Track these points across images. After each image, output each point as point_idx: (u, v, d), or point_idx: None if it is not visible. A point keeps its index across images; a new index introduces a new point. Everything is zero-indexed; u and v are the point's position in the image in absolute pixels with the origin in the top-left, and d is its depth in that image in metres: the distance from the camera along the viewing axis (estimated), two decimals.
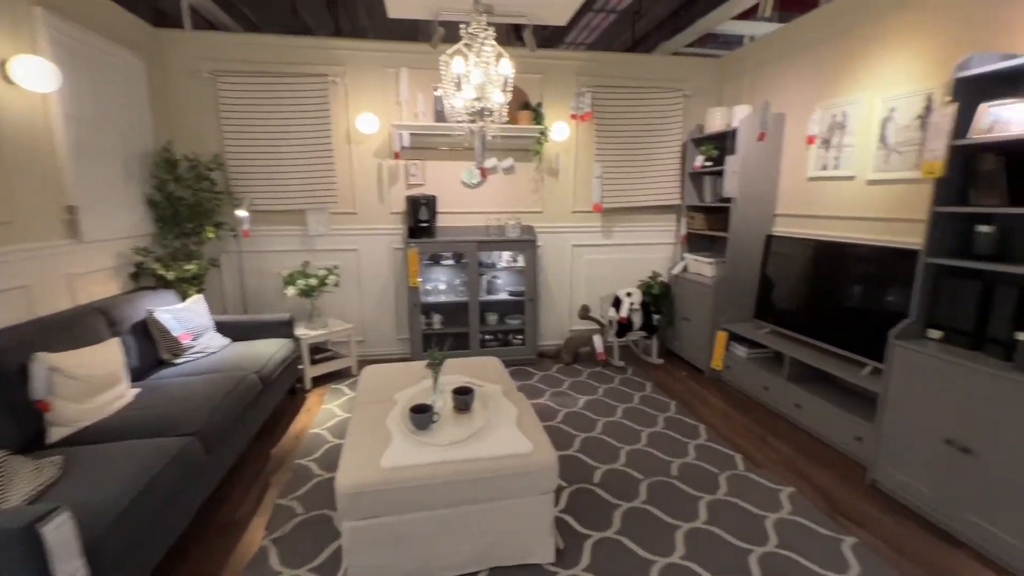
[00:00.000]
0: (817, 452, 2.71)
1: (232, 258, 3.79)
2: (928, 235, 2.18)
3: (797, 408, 2.98)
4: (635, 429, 2.95)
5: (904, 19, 2.66)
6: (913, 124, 2.61)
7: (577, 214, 4.28)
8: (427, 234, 3.81)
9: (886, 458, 2.31)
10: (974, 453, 1.93)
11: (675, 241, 4.48)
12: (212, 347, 2.96)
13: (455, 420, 2.03)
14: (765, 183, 3.59)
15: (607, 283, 4.44)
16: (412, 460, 1.75)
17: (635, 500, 2.26)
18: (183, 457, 1.89)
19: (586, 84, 4.04)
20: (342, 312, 4.05)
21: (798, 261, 3.18)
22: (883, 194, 2.81)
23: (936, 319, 2.22)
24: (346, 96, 3.77)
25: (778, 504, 2.23)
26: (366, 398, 2.33)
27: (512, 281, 4.24)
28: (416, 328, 3.82)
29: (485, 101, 2.05)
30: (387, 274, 4.08)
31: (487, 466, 1.76)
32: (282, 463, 2.59)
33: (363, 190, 3.92)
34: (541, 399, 3.39)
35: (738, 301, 3.68)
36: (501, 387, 2.38)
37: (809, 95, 3.32)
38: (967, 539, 1.98)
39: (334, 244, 3.95)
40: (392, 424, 2.00)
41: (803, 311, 3.13)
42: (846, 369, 2.72)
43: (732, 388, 3.61)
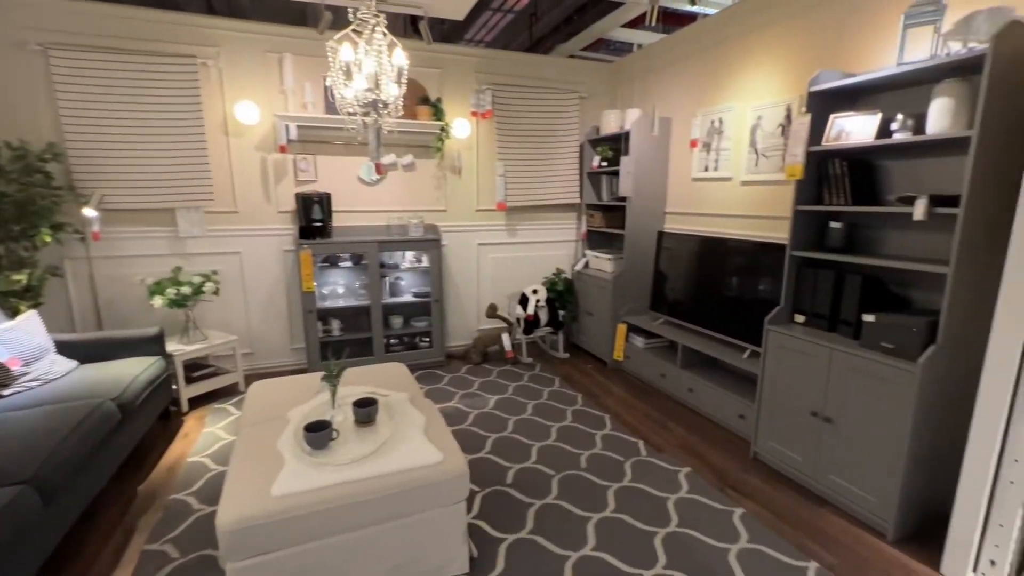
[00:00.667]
0: (709, 432, 2.94)
1: (79, 265, 3.22)
2: (791, 231, 2.45)
3: (690, 392, 3.21)
4: (545, 425, 2.99)
5: (767, 37, 2.96)
6: (776, 131, 2.92)
7: (481, 212, 4.25)
8: (321, 234, 3.54)
9: (765, 432, 2.56)
10: (834, 422, 2.20)
11: (576, 238, 4.63)
12: (53, 373, 2.48)
13: (357, 435, 1.88)
14: (656, 183, 3.82)
15: (513, 281, 4.46)
16: (308, 484, 1.58)
17: (547, 497, 2.28)
18: (11, 511, 1.54)
19: (486, 81, 4.01)
20: (225, 322, 3.63)
21: (686, 255, 3.43)
22: (755, 194, 3.11)
23: (800, 305, 2.50)
24: (221, 81, 3.37)
25: (677, 485, 2.38)
26: (254, 418, 2.09)
27: (417, 282, 4.09)
28: (312, 336, 3.54)
29: (379, 93, 1.92)
30: (277, 278, 3.73)
31: (394, 481, 1.65)
32: (152, 501, 2.24)
33: (245, 187, 3.54)
34: (451, 402, 3.30)
35: (635, 294, 3.89)
36: (407, 394, 2.27)
37: (691, 102, 3.59)
38: (832, 498, 2.26)
39: (212, 247, 3.52)
40: (284, 446, 1.81)
41: (692, 302, 3.38)
42: (730, 354, 2.98)
43: (633, 377, 3.81)
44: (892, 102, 2.26)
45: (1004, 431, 1.67)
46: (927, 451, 1.97)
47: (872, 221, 2.38)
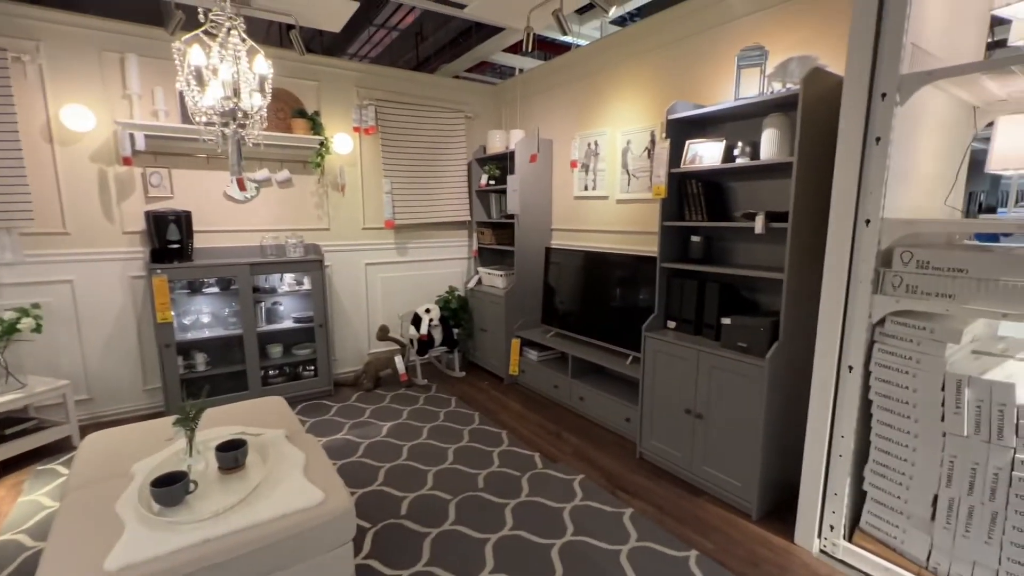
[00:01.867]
0: (599, 438, 3.07)
1: None
2: (660, 244, 2.68)
3: (581, 401, 3.34)
4: (441, 448, 2.90)
5: (632, 69, 3.25)
6: (643, 154, 3.20)
7: (368, 231, 4.08)
8: (180, 257, 3.13)
9: (648, 432, 2.73)
10: (704, 417, 2.41)
11: (468, 255, 4.63)
12: None
13: (222, 484, 1.66)
14: (542, 201, 3.98)
15: (405, 301, 4.33)
16: (155, 551, 1.35)
17: (444, 523, 2.19)
18: None
19: (369, 97, 3.89)
20: (52, 364, 3.04)
21: (572, 269, 3.59)
22: (629, 211, 3.37)
23: (672, 312, 2.73)
24: (42, 80, 2.86)
25: (572, 493, 2.43)
26: (86, 478, 1.75)
27: (298, 306, 3.79)
28: (171, 373, 3.09)
29: (238, 102, 1.75)
30: (123, 309, 3.22)
31: (268, 531, 1.47)
32: None
33: (78, 204, 3.03)
34: (339, 434, 3.08)
35: (527, 309, 3.98)
36: (284, 431, 2.06)
37: (569, 125, 3.81)
38: (707, 488, 2.46)
39: (32, 275, 2.94)
40: (125, 508, 1.53)
41: (579, 313, 3.54)
42: (615, 361, 3.15)
43: (528, 391, 3.87)
44: (734, 130, 2.59)
45: (832, 411, 1.95)
46: (779, 436, 2.24)
47: (725, 234, 2.69)
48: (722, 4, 2.66)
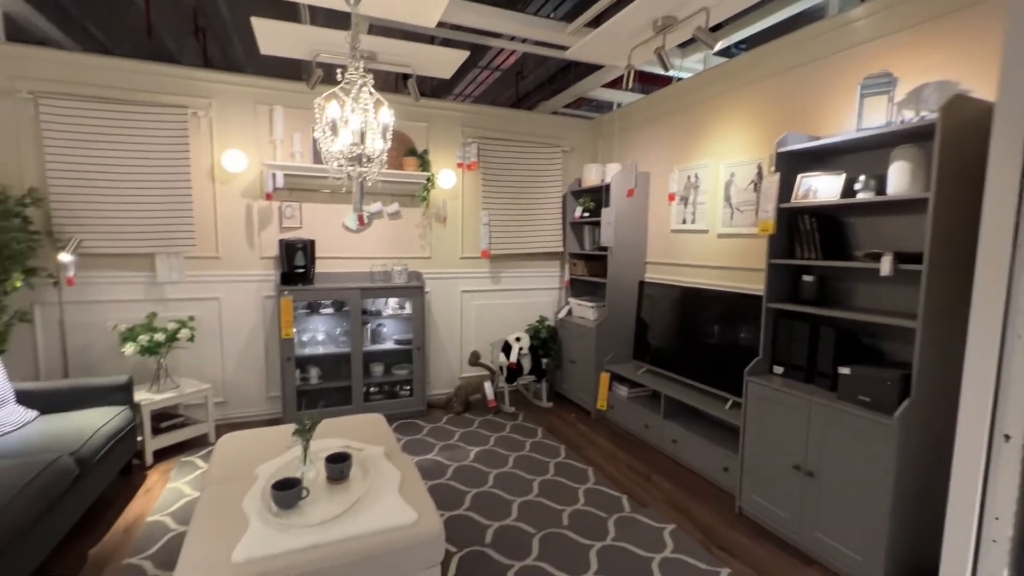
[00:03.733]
0: (693, 485, 2.88)
1: (51, 310, 3.13)
2: (767, 283, 2.51)
3: (674, 444, 3.17)
4: (527, 479, 2.90)
5: (737, 100, 3.14)
6: (749, 187, 3.05)
7: (466, 260, 4.28)
8: (304, 280, 3.52)
9: (749, 486, 2.51)
10: (816, 476, 2.17)
11: (560, 286, 4.67)
12: (9, 424, 2.36)
13: (329, 493, 1.81)
14: (636, 234, 3.92)
15: (497, 328, 4.45)
16: (273, 549, 1.50)
17: (527, 558, 2.18)
18: None
19: (471, 135, 4.15)
20: (199, 370, 3.53)
21: (667, 305, 3.47)
22: (731, 246, 3.20)
23: (779, 356, 2.53)
24: (211, 131, 3.43)
25: (662, 543, 2.30)
26: (220, 474, 2.00)
27: (399, 329, 4.06)
28: (289, 384, 3.45)
29: (364, 147, 1.97)
30: (256, 325, 3.67)
31: (366, 544, 1.57)
32: (104, 567, 2.09)
33: (228, 233, 3.54)
34: (430, 455, 3.20)
35: (618, 343, 3.90)
36: (383, 448, 2.20)
37: (668, 157, 3.74)
38: (817, 556, 2.20)
39: (190, 292, 3.47)
40: (250, 506, 1.72)
41: (674, 351, 3.39)
42: (712, 404, 2.97)
43: (617, 427, 3.75)
44: (855, 163, 2.39)
45: (983, 486, 1.67)
46: (912, 507, 1.95)
47: (842, 274, 2.46)
48: (843, 30, 2.50)
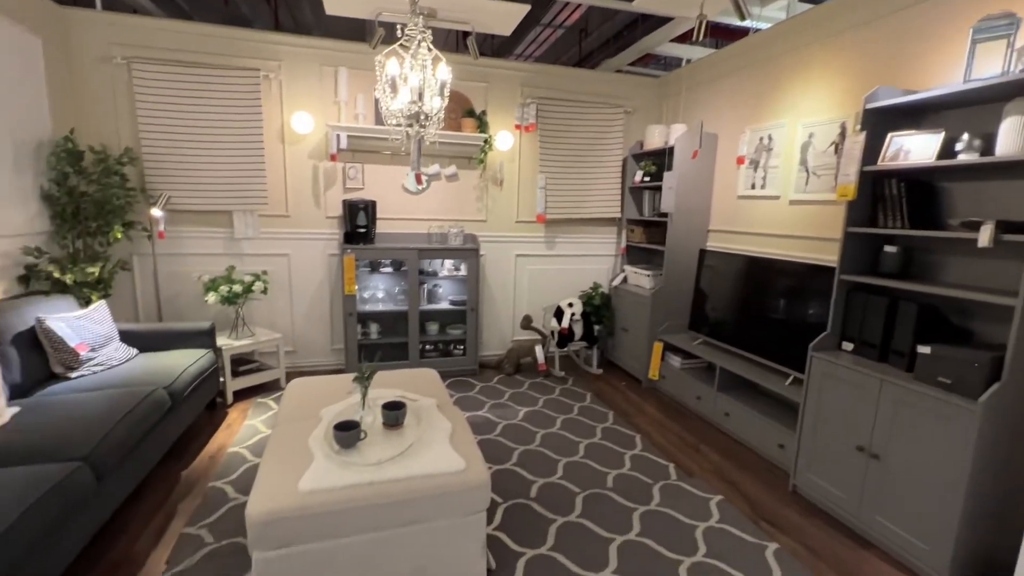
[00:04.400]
0: (744, 459, 2.81)
1: (146, 261, 3.47)
2: (841, 254, 2.33)
3: (726, 417, 3.09)
4: (573, 441, 2.95)
5: (822, 52, 2.86)
6: (829, 150, 2.80)
7: (521, 224, 4.28)
8: (365, 240, 3.66)
9: (805, 464, 2.42)
10: (881, 459, 2.05)
11: (615, 253, 4.57)
12: (115, 359, 2.67)
13: (385, 437, 1.92)
14: (700, 199, 3.74)
15: (549, 293, 4.45)
16: (334, 482, 1.63)
17: (571, 514, 2.24)
18: (67, 486, 1.67)
19: (531, 95, 4.06)
20: (271, 321, 3.81)
21: (729, 275, 3.32)
22: (803, 214, 2.99)
23: (849, 332, 2.37)
24: (280, 93, 3.57)
25: (708, 513, 2.28)
26: (289, 414, 2.18)
27: (454, 290, 4.16)
28: (351, 338, 3.65)
29: (422, 105, 1.98)
30: (321, 281, 3.88)
31: (417, 486, 1.67)
32: (193, 487, 2.37)
33: (297, 192, 3.72)
34: (480, 411, 3.32)
35: (674, 312, 3.80)
36: (436, 400, 2.30)
37: (739, 117, 3.50)
38: (876, 540, 2.10)
39: (263, 248, 3.71)
40: (314, 443, 1.87)
41: (733, 323, 3.26)
42: (771, 379, 2.85)
43: (667, 398, 3.70)
44: (957, 120, 2.12)
45: None
46: (989, 498, 1.81)
47: (931, 246, 2.23)
48: None
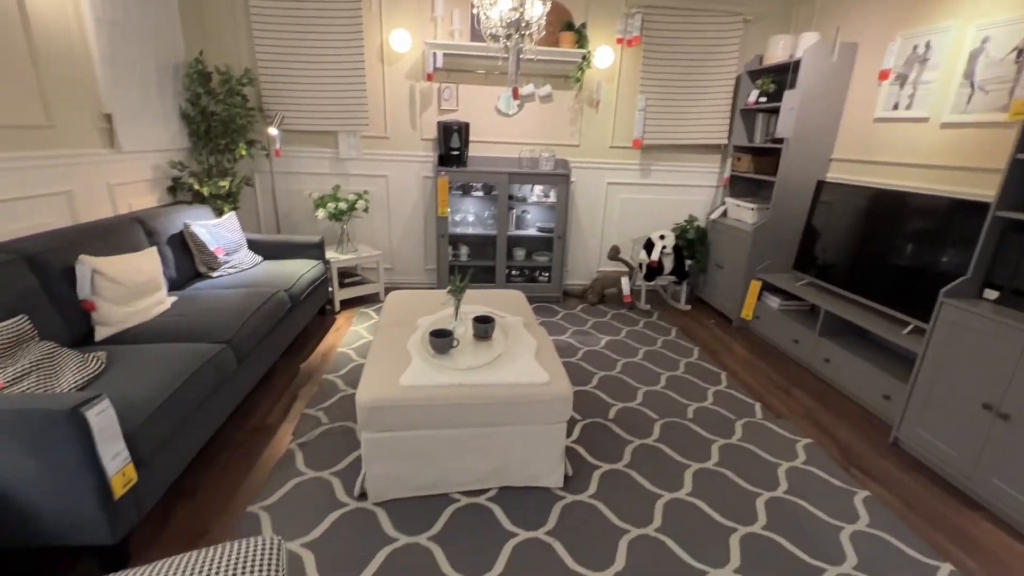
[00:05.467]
0: (841, 407, 2.65)
1: (265, 178, 3.81)
2: (1003, 186, 1.97)
3: (826, 363, 2.89)
4: (655, 371, 2.94)
5: None
6: (1008, 58, 2.29)
7: (615, 150, 4.07)
8: (458, 163, 3.71)
9: (914, 418, 2.23)
10: (1012, 419, 1.84)
11: (717, 184, 4.24)
12: (245, 264, 3.04)
13: (474, 348, 2.05)
14: (824, 123, 3.29)
15: (640, 224, 4.29)
16: (429, 380, 1.79)
17: (647, 438, 2.29)
18: (216, 363, 1.99)
19: (637, 4, 3.69)
20: (371, 238, 4.08)
21: (849, 210, 2.96)
22: (958, 139, 2.53)
23: (995, 279, 2.05)
24: (380, 10, 3.57)
25: (793, 454, 2.22)
26: (390, 321, 2.38)
27: (542, 216, 4.14)
28: (443, 259, 3.82)
29: (522, 11, 1.89)
30: (416, 203, 4.04)
31: (502, 392, 1.79)
32: (310, 377, 2.72)
33: (395, 114, 3.81)
34: (562, 336, 3.40)
35: (776, 250, 3.51)
36: (522, 319, 2.38)
37: (888, 22, 2.95)
38: (988, 503, 1.94)
39: (365, 169, 3.91)
40: (412, 347, 2.04)
41: (847, 264, 2.95)
42: (885, 326, 2.59)
43: (760, 339, 3.53)
44: None
45: None
46: None
47: None
48: None
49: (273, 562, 1.05)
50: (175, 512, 1.75)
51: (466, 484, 1.88)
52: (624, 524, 1.77)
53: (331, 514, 1.75)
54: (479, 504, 1.83)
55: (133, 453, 1.49)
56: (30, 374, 1.58)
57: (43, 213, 2.26)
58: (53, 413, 1.29)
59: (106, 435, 1.37)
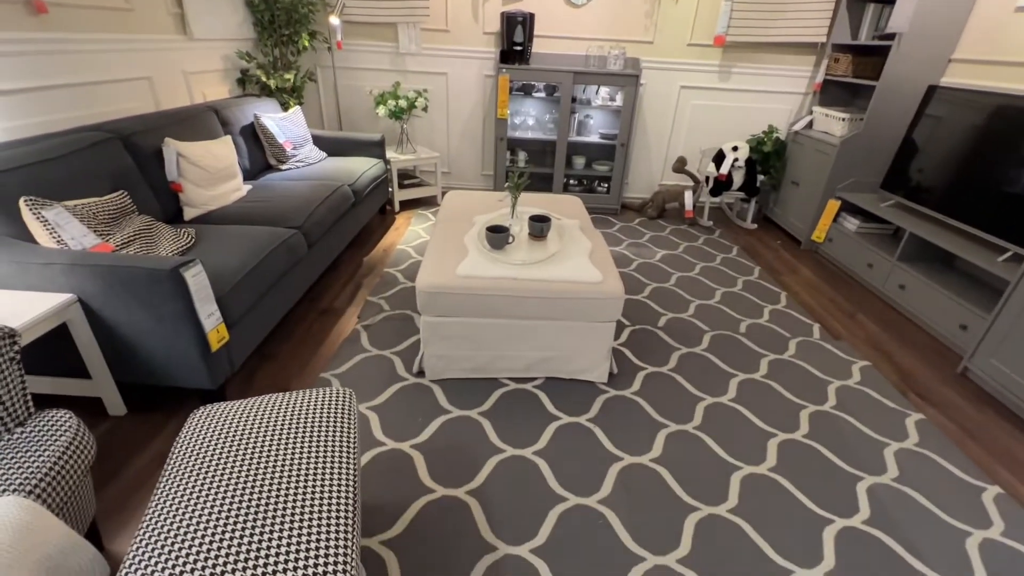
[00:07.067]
0: (908, 335, 2.53)
1: (327, 73, 3.79)
2: None
3: (900, 289, 2.72)
4: (710, 286, 2.89)
5: None
6: None
7: (693, 48, 3.70)
8: (521, 59, 3.51)
9: (991, 348, 2.10)
10: None
11: (805, 90, 3.81)
12: (311, 158, 3.14)
13: (529, 246, 2.08)
14: (951, 13, 2.80)
15: (712, 134, 3.99)
16: (484, 272, 1.85)
17: (696, 347, 2.30)
18: (289, 245, 2.14)
19: None
20: (430, 140, 4.05)
21: (963, 123, 2.60)
22: None
23: None
24: None
25: (847, 374, 2.18)
26: (448, 217, 2.43)
27: (606, 122, 3.93)
28: (501, 164, 3.77)
29: None
30: (476, 103, 3.92)
31: (554, 287, 1.83)
32: (372, 269, 2.88)
33: (457, 3, 3.59)
34: (617, 247, 3.35)
35: (863, 167, 3.19)
36: (578, 222, 2.36)
37: None
38: None
39: (424, 66, 3.79)
40: (469, 241, 2.10)
41: (947, 184, 2.65)
42: (977, 253, 2.37)
43: (829, 262, 3.33)
44: None
45: None
46: None
47: None
48: None
49: (346, 407, 1.20)
50: (260, 371, 2.00)
51: (515, 371, 2.00)
52: (663, 419, 1.85)
53: (392, 386, 1.94)
54: (526, 390, 1.96)
55: (224, 316, 1.68)
56: (135, 241, 1.78)
57: (128, 98, 2.40)
58: (158, 272, 1.46)
59: (201, 295, 1.54)
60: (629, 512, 1.48)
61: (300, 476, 0.99)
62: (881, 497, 1.58)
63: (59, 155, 1.78)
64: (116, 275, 1.48)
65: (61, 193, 1.72)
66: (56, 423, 1.12)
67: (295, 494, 0.95)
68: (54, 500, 1.01)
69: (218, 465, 1.00)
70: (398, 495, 1.49)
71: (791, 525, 1.47)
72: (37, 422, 1.12)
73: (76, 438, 1.11)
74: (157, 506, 0.93)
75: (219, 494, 0.94)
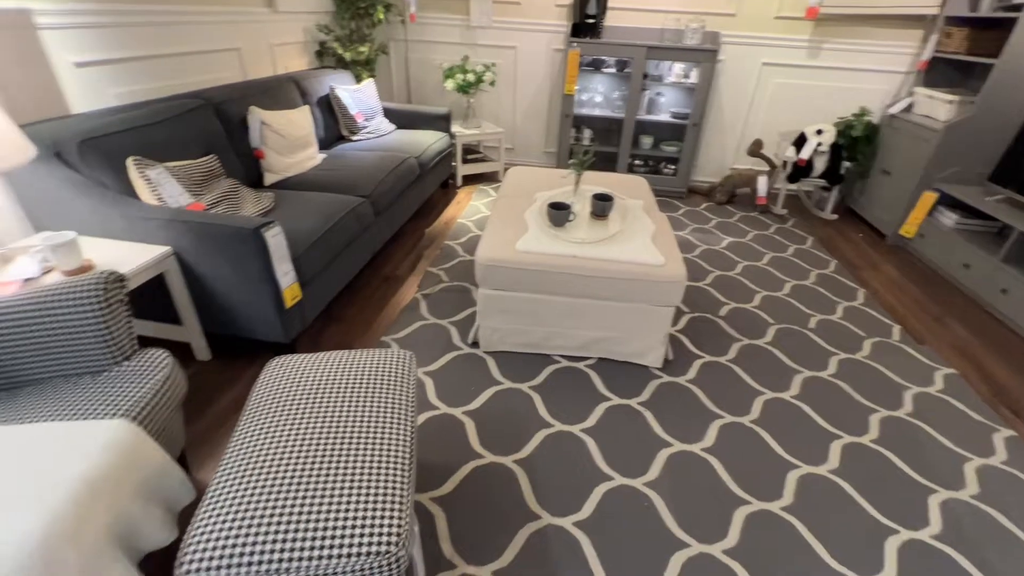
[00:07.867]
0: (1005, 344, 2.29)
1: (399, 46, 3.86)
2: None
3: (1002, 294, 2.46)
4: (779, 278, 2.74)
5: None
6: None
7: (780, 21, 3.44)
8: (592, 33, 3.41)
9: None
10: None
11: (908, 69, 3.45)
12: (381, 130, 3.23)
13: (590, 224, 2.05)
14: None
15: (794, 115, 3.72)
16: (544, 248, 1.85)
17: (758, 339, 2.21)
18: (357, 213, 2.23)
19: None
20: (495, 115, 4.05)
21: None
22: None
23: None
24: None
25: (929, 381, 2.01)
26: (509, 192, 2.43)
27: (678, 101, 3.76)
28: (565, 141, 3.71)
29: None
30: (543, 78, 3.87)
31: (615, 268, 1.80)
32: (433, 241, 2.95)
33: None
34: (682, 232, 3.24)
35: (970, 156, 2.88)
36: (643, 203, 2.30)
37: None
38: None
39: (494, 39, 3.77)
40: (530, 217, 2.10)
41: None
42: None
43: (918, 260, 3.06)
44: None
45: None
46: None
47: None
48: None
49: (405, 366, 1.26)
50: (328, 330, 2.12)
51: (568, 349, 2.01)
52: (718, 410, 1.80)
53: (448, 354, 2.00)
54: (578, 368, 1.96)
55: (297, 276, 1.79)
56: (222, 202, 1.92)
57: (220, 68, 2.56)
58: (243, 231, 1.58)
59: (279, 255, 1.65)
60: (675, 498, 1.46)
61: (363, 426, 1.05)
62: (957, 513, 1.47)
63: (161, 119, 1.94)
64: (207, 231, 1.61)
65: (161, 154, 1.88)
66: (155, 360, 1.25)
67: (358, 442, 1.01)
68: (152, 427, 1.13)
69: (290, 410, 1.09)
70: (449, 457, 1.55)
71: (850, 530, 1.40)
72: (140, 359, 1.25)
73: (171, 375, 1.24)
74: (238, 442, 1.03)
75: (291, 436, 1.02)
